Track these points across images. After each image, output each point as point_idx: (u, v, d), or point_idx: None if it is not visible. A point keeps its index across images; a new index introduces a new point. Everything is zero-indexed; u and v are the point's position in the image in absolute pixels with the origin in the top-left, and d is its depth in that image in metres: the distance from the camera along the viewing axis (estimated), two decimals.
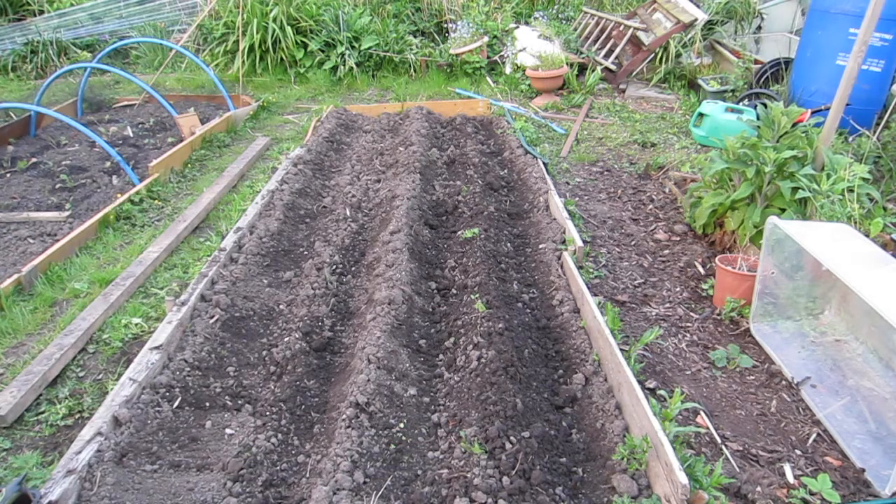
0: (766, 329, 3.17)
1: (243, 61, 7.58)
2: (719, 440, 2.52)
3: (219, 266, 3.53)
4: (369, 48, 7.72)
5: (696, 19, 6.86)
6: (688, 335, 3.19)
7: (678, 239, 4.08)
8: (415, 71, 7.76)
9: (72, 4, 8.80)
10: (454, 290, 3.45)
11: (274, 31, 7.58)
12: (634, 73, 7.27)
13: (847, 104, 3.47)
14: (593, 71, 7.12)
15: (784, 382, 2.86)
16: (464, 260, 3.67)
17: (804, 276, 3.16)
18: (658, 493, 2.16)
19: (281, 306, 3.37)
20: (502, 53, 7.61)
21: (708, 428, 2.58)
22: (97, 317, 3.27)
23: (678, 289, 3.57)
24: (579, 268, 3.49)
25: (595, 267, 3.70)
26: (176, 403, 2.64)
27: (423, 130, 5.61)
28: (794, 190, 3.38)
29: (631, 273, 3.72)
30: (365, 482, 2.17)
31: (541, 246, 3.87)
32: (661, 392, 2.73)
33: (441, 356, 2.98)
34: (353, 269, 3.73)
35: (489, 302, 3.12)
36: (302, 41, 7.75)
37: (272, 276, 3.63)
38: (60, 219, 4.40)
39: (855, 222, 3.17)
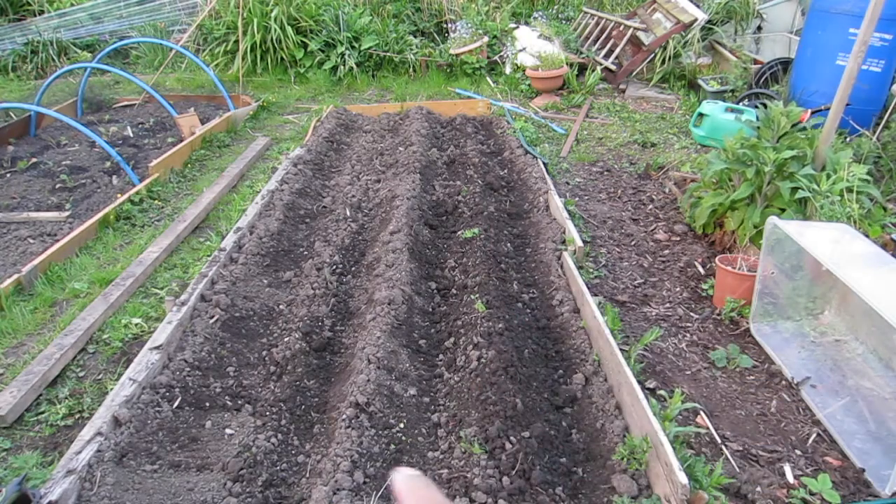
0: (766, 329, 3.17)
1: (243, 61, 7.58)
2: (719, 440, 2.52)
3: (219, 266, 3.53)
4: (369, 48, 7.72)
5: (695, 19, 6.86)
6: (688, 335, 3.19)
7: (678, 239, 4.08)
8: (415, 71, 7.76)
9: (72, 4, 8.79)
10: (454, 290, 3.45)
11: (274, 31, 7.58)
12: (634, 73, 7.27)
13: (847, 104, 3.47)
14: (593, 71, 7.12)
15: (784, 382, 2.86)
16: (464, 260, 3.67)
17: (804, 276, 3.17)
18: (658, 493, 2.16)
19: (281, 306, 3.37)
20: (502, 53, 7.61)
21: (708, 428, 2.58)
22: (97, 317, 3.26)
23: (678, 289, 3.57)
24: (579, 268, 3.49)
25: (595, 267, 3.70)
26: (176, 403, 2.64)
27: (423, 130, 5.61)
28: (794, 190, 3.38)
29: (631, 273, 3.72)
30: (365, 482, 2.17)
31: (541, 246, 3.86)
32: (661, 392, 2.73)
33: (441, 356, 2.98)
34: (353, 269, 3.73)
35: (489, 302, 3.12)
36: (302, 41, 7.75)
37: (272, 276, 3.63)
38: (60, 219, 4.40)
39: (855, 222, 3.17)
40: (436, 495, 0.41)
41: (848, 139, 4.71)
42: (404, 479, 0.42)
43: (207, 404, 2.67)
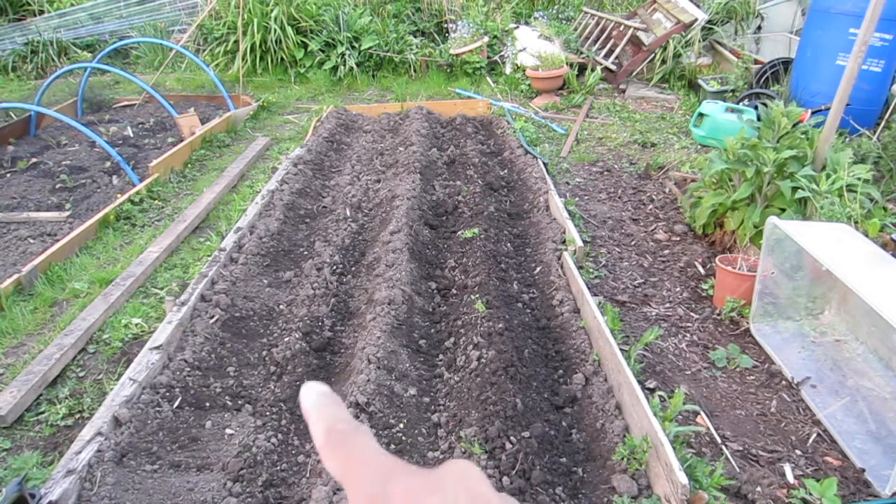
0: (766, 329, 3.17)
1: (243, 61, 7.58)
2: (719, 440, 2.52)
3: (219, 266, 3.53)
4: (369, 48, 7.72)
5: (696, 19, 6.86)
6: (688, 335, 3.19)
7: (678, 239, 4.08)
8: (415, 71, 7.76)
9: (72, 4, 8.79)
10: (454, 290, 3.45)
11: (274, 31, 7.58)
12: (634, 73, 7.27)
13: (847, 104, 3.47)
14: (593, 71, 7.12)
15: (784, 382, 2.86)
16: (464, 260, 3.67)
17: (804, 276, 3.17)
18: (658, 493, 2.16)
19: (281, 306, 3.37)
20: (502, 53, 7.61)
21: (708, 428, 2.58)
22: (97, 317, 3.27)
23: (678, 289, 3.57)
24: (579, 268, 3.49)
25: (595, 267, 3.70)
26: (176, 403, 2.64)
27: (423, 130, 5.60)
28: (794, 190, 3.38)
29: (631, 273, 3.72)
30: None
31: (541, 246, 3.87)
32: (661, 392, 2.73)
33: (441, 356, 2.98)
34: (353, 269, 3.73)
35: (489, 302, 3.12)
36: (302, 41, 7.75)
37: (272, 276, 3.63)
38: (60, 219, 4.40)
39: (855, 222, 3.17)
40: (342, 414, 0.38)
41: (848, 139, 4.71)
42: (315, 396, 0.39)
43: (207, 404, 2.67)
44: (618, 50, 7.28)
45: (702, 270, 3.72)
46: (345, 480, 0.36)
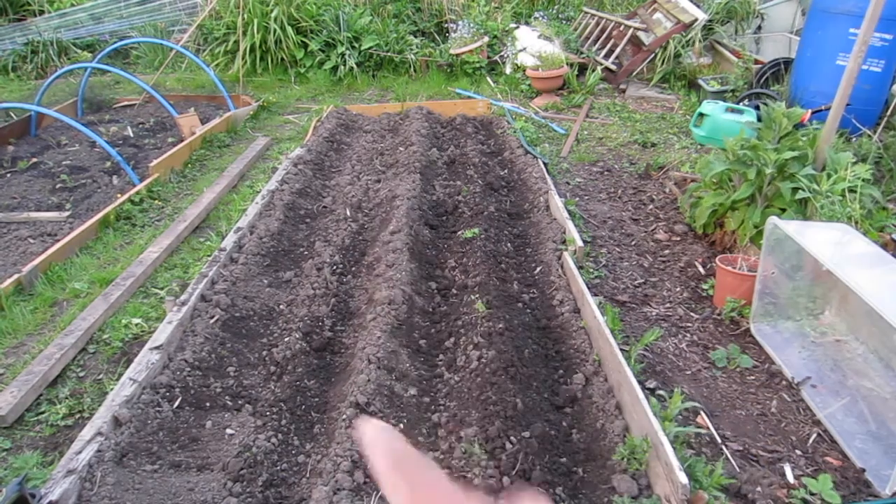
0: (767, 329, 3.17)
1: (244, 61, 7.57)
2: (719, 440, 2.52)
3: (219, 266, 3.53)
4: (369, 48, 7.72)
5: (696, 19, 6.86)
6: (688, 335, 3.19)
7: (678, 239, 4.08)
8: (415, 71, 7.76)
9: (72, 4, 8.79)
10: (454, 290, 3.45)
11: (274, 31, 7.58)
12: (634, 73, 7.26)
13: (847, 104, 3.47)
14: (593, 71, 7.12)
15: (784, 382, 2.86)
16: (464, 260, 3.67)
17: (804, 276, 3.16)
18: (658, 493, 2.16)
19: (281, 306, 3.37)
20: (502, 53, 7.61)
21: (708, 428, 2.58)
22: (97, 317, 3.27)
23: (678, 289, 3.57)
24: (579, 268, 3.49)
25: (595, 267, 3.70)
26: (176, 403, 2.64)
27: (423, 130, 5.60)
28: (795, 190, 3.38)
29: (631, 273, 3.72)
30: (365, 482, 2.17)
31: (541, 246, 3.87)
32: (661, 392, 2.73)
33: (441, 356, 2.98)
34: (354, 269, 3.73)
35: (489, 302, 3.12)
36: (302, 41, 7.75)
37: (272, 276, 3.63)
38: (60, 219, 4.40)
39: (855, 222, 3.17)
40: (407, 447, 0.37)
41: (852, 139, 4.71)
42: (376, 431, 0.39)
43: (208, 404, 2.67)
44: (618, 50, 7.28)
45: (702, 270, 3.72)
46: None
